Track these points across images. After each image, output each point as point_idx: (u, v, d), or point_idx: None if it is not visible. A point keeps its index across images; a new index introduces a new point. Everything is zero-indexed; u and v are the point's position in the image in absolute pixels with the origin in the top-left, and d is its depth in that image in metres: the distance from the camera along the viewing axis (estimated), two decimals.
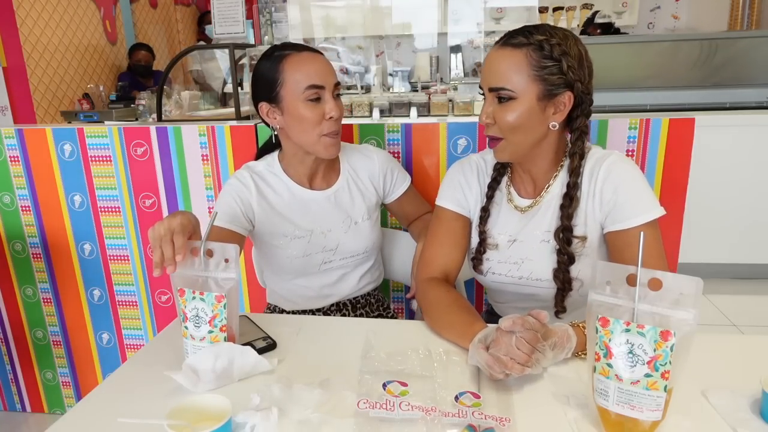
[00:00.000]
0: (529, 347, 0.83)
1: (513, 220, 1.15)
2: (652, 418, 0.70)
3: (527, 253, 1.13)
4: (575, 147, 1.07)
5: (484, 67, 1.07)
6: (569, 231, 1.07)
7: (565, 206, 1.07)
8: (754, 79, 3.29)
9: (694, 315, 0.68)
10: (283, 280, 1.37)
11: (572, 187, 1.07)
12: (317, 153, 1.24)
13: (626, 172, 1.06)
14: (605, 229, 1.08)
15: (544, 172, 1.13)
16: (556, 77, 1.02)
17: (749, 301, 2.87)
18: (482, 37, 5.21)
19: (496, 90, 1.03)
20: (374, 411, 0.78)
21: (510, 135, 1.05)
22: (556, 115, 1.05)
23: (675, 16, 5.06)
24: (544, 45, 1.01)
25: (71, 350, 2.03)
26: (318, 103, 1.19)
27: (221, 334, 0.91)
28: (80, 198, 1.85)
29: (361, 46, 5.46)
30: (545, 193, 1.13)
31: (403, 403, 0.79)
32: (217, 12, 2.33)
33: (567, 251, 1.07)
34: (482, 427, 0.75)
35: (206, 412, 0.74)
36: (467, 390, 0.84)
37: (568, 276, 1.08)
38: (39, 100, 3.88)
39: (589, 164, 1.09)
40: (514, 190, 1.17)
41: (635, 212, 1.03)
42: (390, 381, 0.86)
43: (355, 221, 1.34)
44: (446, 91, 3.55)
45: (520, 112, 1.02)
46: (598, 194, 1.06)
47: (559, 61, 1.01)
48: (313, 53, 1.21)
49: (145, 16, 5.26)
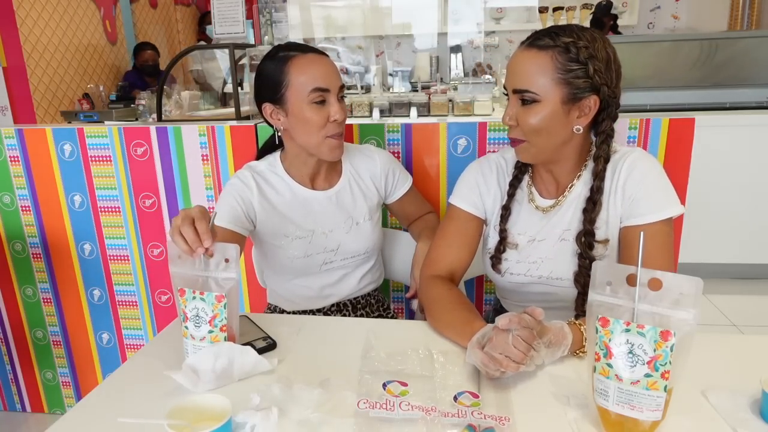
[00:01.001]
0: (526, 345, 0.83)
1: (534, 219, 1.14)
2: (652, 418, 0.71)
3: (546, 253, 1.12)
4: (600, 150, 1.05)
5: (509, 67, 1.05)
6: (591, 235, 1.05)
7: (588, 210, 1.06)
8: (754, 79, 3.29)
9: (694, 315, 0.68)
10: (283, 280, 1.37)
11: (596, 191, 1.05)
12: (321, 155, 1.23)
13: (649, 169, 1.04)
14: (624, 223, 1.06)
15: (567, 173, 1.11)
16: (582, 81, 1.00)
17: (749, 301, 2.87)
18: (482, 37, 5.21)
19: (519, 92, 1.02)
20: (374, 411, 0.78)
21: (533, 137, 1.03)
22: (580, 119, 1.03)
23: (675, 16, 5.06)
24: (570, 47, 0.98)
25: (71, 350, 2.03)
26: (323, 105, 1.19)
27: (221, 334, 0.91)
28: (80, 198, 1.85)
29: (361, 46, 5.46)
30: (568, 193, 1.11)
31: (403, 403, 0.79)
32: (217, 12, 2.33)
33: (588, 255, 1.05)
34: (482, 427, 0.75)
35: (206, 412, 0.74)
36: (466, 390, 0.84)
37: (590, 280, 1.07)
38: (39, 100, 3.87)
39: (611, 162, 1.07)
40: (536, 190, 1.16)
41: (651, 209, 1.02)
42: (390, 381, 0.86)
43: (356, 222, 1.34)
44: (446, 91, 3.55)
45: (543, 115, 1.01)
46: (620, 190, 1.05)
47: (585, 64, 0.99)
48: (319, 55, 1.21)
49: (145, 16, 5.26)
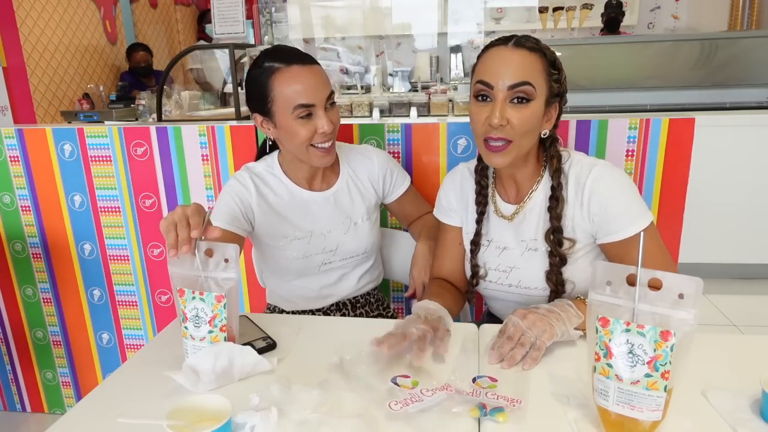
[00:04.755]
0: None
1: (500, 228, 1.17)
2: (652, 418, 0.70)
3: (514, 261, 1.15)
4: (552, 151, 1.11)
5: (493, 64, 1.03)
6: (559, 232, 1.08)
7: (553, 207, 1.08)
8: (754, 79, 3.29)
9: (694, 315, 0.68)
10: (282, 281, 1.37)
11: (557, 187, 1.08)
12: (311, 163, 1.24)
13: (613, 186, 1.05)
14: (598, 240, 1.09)
15: (529, 177, 1.14)
16: (557, 87, 1.05)
17: (749, 301, 2.87)
18: (482, 37, 5.21)
19: (520, 85, 1.00)
20: (411, 407, 0.78)
21: (519, 138, 1.03)
22: (547, 124, 1.08)
23: (675, 16, 5.06)
24: (548, 54, 1.04)
25: (71, 350, 2.03)
26: (309, 119, 1.17)
27: (221, 334, 0.91)
28: (80, 198, 1.85)
29: (361, 46, 5.46)
30: (528, 199, 1.13)
31: (423, 390, 0.81)
32: (217, 12, 2.33)
33: (559, 252, 1.08)
34: (491, 406, 0.78)
35: (206, 412, 0.74)
36: (486, 375, 0.87)
37: (561, 278, 1.09)
38: (39, 100, 3.87)
39: (574, 171, 1.09)
40: (499, 197, 1.19)
41: (627, 223, 1.03)
42: (396, 377, 0.86)
43: (354, 222, 1.34)
44: (446, 91, 3.55)
45: (533, 114, 1.02)
46: (585, 205, 1.07)
47: (560, 71, 1.05)
48: (302, 66, 1.16)
49: (145, 16, 5.26)
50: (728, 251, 3.01)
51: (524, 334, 0.93)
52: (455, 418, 0.78)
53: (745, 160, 2.89)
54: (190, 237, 0.87)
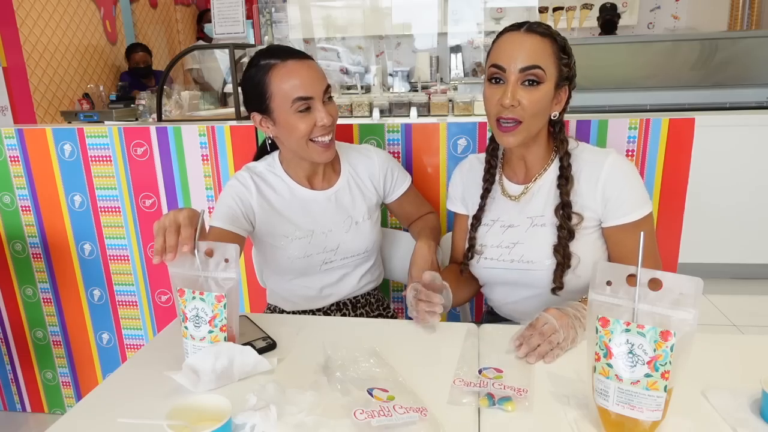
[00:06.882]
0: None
1: (506, 207, 1.21)
2: (652, 418, 0.70)
3: (519, 237, 1.17)
4: (561, 135, 1.17)
5: (507, 48, 1.08)
6: (569, 207, 1.12)
7: (563, 185, 1.13)
8: (754, 79, 3.29)
9: (694, 315, 0.68)
10: (283, 281, 1.37)
11: (567, 167, 1.13)
12: (311, 159, 1.24)
13: (630, 173, 1.12)
14: (605, 223, 1.13)
15: (539, 159, 1.18)
16: (566, 71, 1.10)
17: (749, 301, 2.87)
18: (482, 37, 5.21)
19: (531, 68, 1.05)
20: (376, 420, 0.76)
21: (530, 119, 1.08)
22: (557, 106, 1.12)
23: (675, 16, 5.06)
24: (559, 40, 1.09)
25: (71, 350, 2.03)
26: (308, 112, 1.18)
27: (221, 334, 0.91)
28: (80, 198, 1.85)
29: (361, 46, 5.46)
30: (538, 178, 1.18)
31: (396, 406, 0.79)
32: (217, 12, 2.33)
33: (568, 226, 1.11)
34: (499, 396, 0.81)
35: (206, 412, 0.74)
36: (492, 366, 0.90)
37: (568, 251, 1.11)
38: (39, 100, 3.87)
39: (588, 155, 1.15)
40: (506, 178, 1.23)
41: (633, 208, 1.10)
42: (372, 388, 0.84)
43: (355, 221, 1.34)
44: (446, 91, 3.55)
45: (543, 95, 1.07)
46: (600, 187, 1.11)
47: (570, 56, 1.10)
48: (298, 61, 1.17)
49: (145, 16, 5.26)
50: (728, 251, 3.01)
51: (556, 332, 0.95)
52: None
53: (745, 160, 2.89)
54: (177, 245, 0.87)
